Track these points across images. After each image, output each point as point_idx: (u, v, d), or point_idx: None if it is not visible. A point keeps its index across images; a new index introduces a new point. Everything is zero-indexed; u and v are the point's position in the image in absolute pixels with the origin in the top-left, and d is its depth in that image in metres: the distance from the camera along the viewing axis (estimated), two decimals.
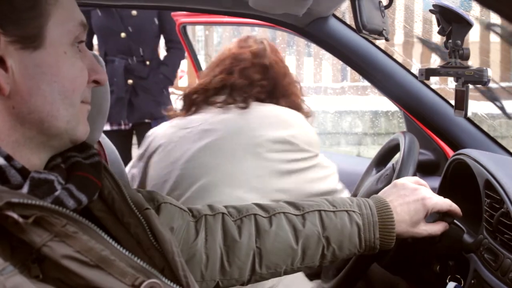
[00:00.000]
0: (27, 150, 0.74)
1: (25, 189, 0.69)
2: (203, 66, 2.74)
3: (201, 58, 4.32)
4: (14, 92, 0.71)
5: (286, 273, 1.06)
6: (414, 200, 1.08)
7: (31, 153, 0.74)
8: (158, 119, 3.07)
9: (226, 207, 1.07)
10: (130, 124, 3.20)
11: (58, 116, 0.75)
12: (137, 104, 3.16)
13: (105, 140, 1.46)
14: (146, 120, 3.19)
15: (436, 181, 1.31)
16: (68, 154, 0.80)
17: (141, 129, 3.07)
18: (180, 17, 2.39)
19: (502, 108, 1.29)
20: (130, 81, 3.14)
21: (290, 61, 4.98)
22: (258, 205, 1.07)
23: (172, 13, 2.56)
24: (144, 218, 0.80)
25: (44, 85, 0.73)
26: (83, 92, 0.78)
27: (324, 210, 1.06)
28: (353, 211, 1.07)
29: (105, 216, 0.80)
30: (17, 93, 0.71)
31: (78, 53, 0.77)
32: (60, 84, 0.74)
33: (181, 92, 1.68)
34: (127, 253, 0.70)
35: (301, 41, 4.96)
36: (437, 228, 1.10)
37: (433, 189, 1.27)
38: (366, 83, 4.90)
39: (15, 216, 0.62)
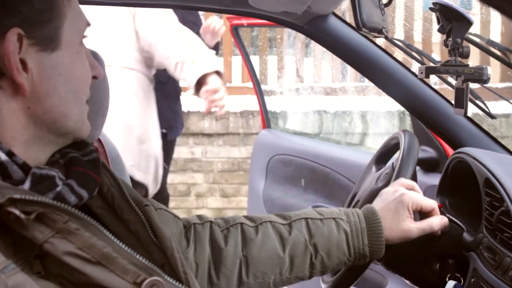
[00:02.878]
0: (35, 148, 0.74)
1: (26, 185, 0.69)
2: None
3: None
4: (31, 93, 0.71)
5: (275, 284, 1.05)
6: (393, 199, 1.08)
7: (38, 151, 0.75)
8: (174, 128, 2.91)
9: (214, 218, 1.08)
10: None
11: (71, 116, 0.76)
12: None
13: (105, 137, 1.45)
14: (163, 130, 2.81)
15: (438, 178, 1.31)
16: (66, 150, 0.80)
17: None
18: (232, 19, 2.42)
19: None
20: None
21: (289, 61, 4.96)
22: (245, 216, 1.08)
23: (227, 16, 2.57)
24: (143, 214, 0.80)
25: (60, 86, 0.74)
26: (88, 91, 0.79)
27: (311, 218, 1.07)
28: (341, 219, 1.07)
29: (105, 213, 0.79)
30: (35, 94, 0.72)
31: (84, 51, 0.78)
32: (75, 84, 0.76)
33: None
34: (129, 250, 0.70)
35: (300, 41, 4.96)
36: (426, 224, 1.08)
37: (434, 186, 1.27)
38: (366, 83, 4.90)
39: (16, 212, 0.62)
